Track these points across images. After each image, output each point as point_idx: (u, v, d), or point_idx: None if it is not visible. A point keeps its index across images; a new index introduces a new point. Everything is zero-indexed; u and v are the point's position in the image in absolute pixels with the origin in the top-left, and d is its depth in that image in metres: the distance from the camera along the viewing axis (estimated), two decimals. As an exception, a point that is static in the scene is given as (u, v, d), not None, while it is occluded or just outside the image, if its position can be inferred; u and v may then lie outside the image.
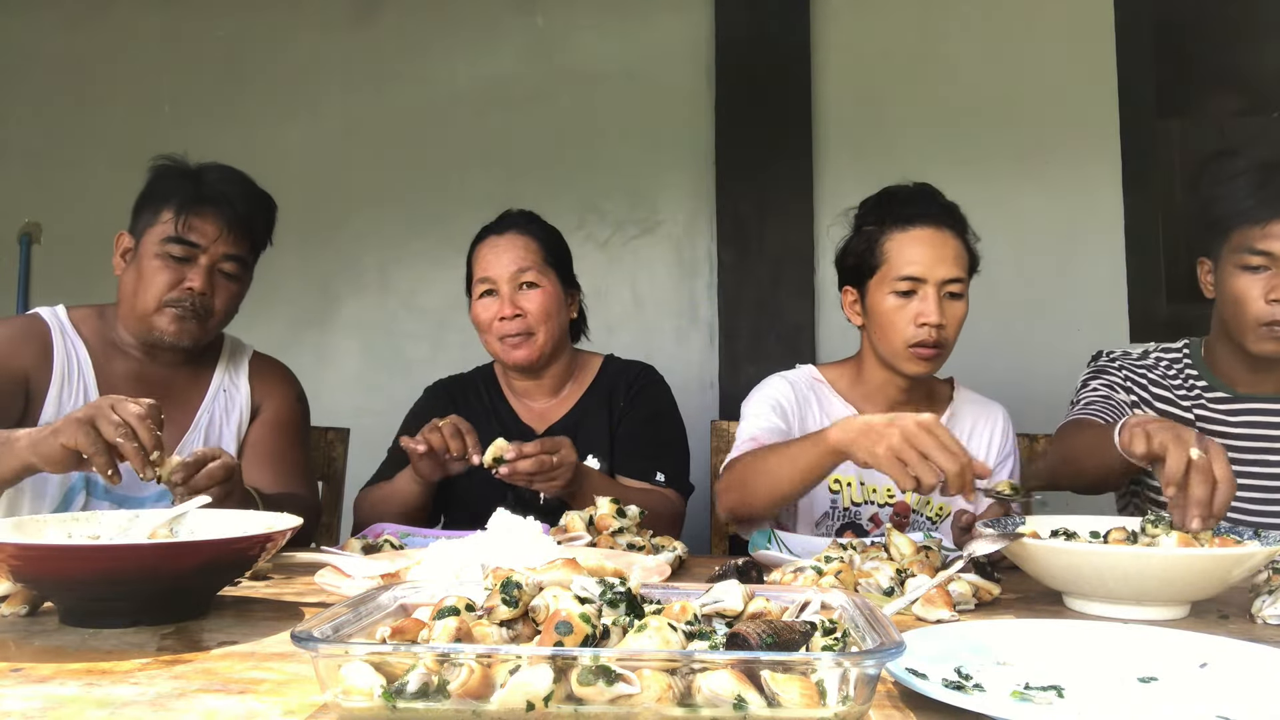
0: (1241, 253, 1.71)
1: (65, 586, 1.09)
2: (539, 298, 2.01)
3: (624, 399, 2.09)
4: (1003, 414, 1.97)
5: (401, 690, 0.69)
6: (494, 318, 2.01)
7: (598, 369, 2.16)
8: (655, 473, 1.99)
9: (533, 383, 2.11)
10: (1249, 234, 1.70)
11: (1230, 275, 1.74)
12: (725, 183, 3.01)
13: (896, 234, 1.81)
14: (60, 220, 3.29)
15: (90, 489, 1.77)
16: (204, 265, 1.78)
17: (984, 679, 0.86)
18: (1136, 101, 2.89)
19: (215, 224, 1.79)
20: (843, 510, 1.88)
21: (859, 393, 1.95)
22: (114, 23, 3.34)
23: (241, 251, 1.83)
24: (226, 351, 1.97)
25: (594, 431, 2.05)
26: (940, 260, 1.78)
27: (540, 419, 2.10)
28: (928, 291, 1.77)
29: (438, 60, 3.19)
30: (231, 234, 1.80)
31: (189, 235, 1.77)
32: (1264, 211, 1.68)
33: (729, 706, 0.68)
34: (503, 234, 2.05)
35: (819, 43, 3.02)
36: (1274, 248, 1.67)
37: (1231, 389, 1.85)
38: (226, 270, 1.82)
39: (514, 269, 2.00)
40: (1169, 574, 1.13)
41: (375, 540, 1.61)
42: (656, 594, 0.89)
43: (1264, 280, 1.69)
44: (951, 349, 1.84)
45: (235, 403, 1.93)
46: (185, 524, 1.32)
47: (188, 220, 1.77)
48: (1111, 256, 2.88)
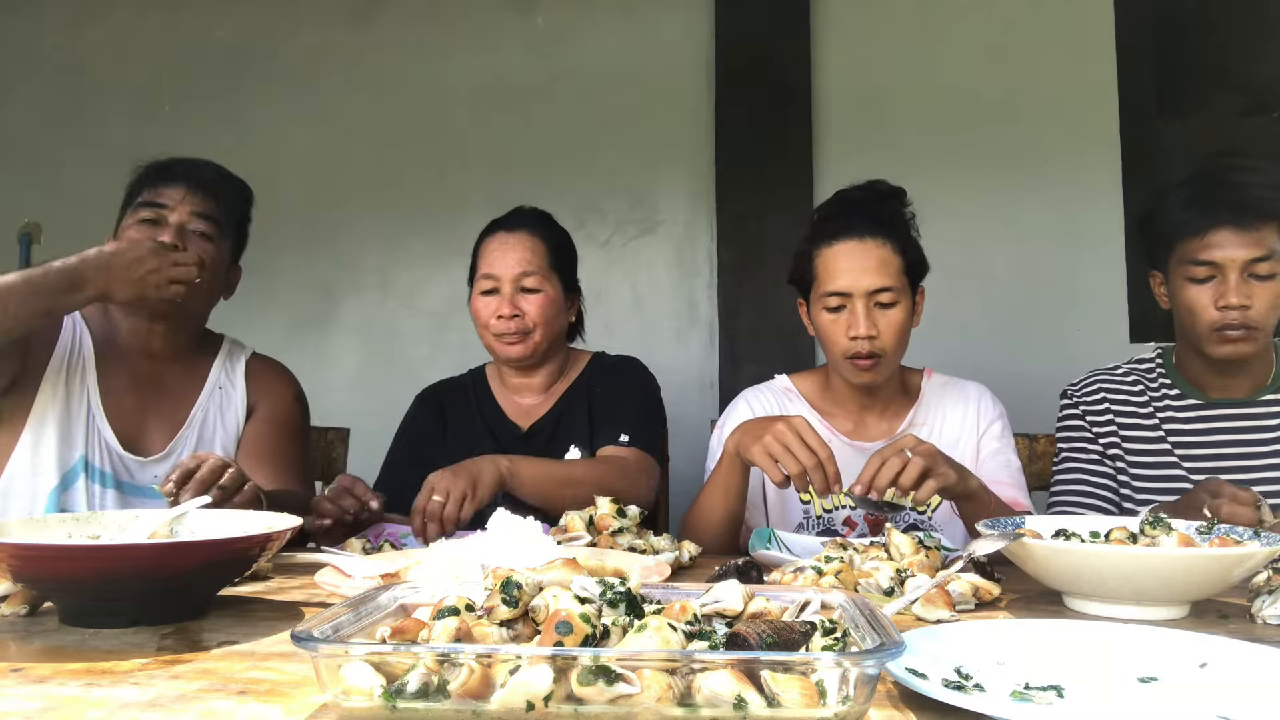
0: (1186, 264, 1.75)
1: (65, 586, 1.09)
2: (539, 302, 2.01)
3: (600, 387, 2.10)
4: (978, 392, 1.96)
5: (401, 690, 0.69)
6: (492, 315, 2.01)
7: (584, 365, 2.17)
8: (619, 435, 1.99)
9: (524, 379, 2.12)
10: (1190, 246, 1.74)
11: (1180, 288, 1.78)
12: (725, 183, 3.01)
13: (823, 249, 1.84)
14: (60, 220, 3.28)
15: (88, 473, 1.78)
16: (174, 223, 1.81)
17: (984, 679, 0.86)
18: (1136, 101, 2.90)
19: (181, 187, 1.83)
20: (816, 518, 1.90)
21: (828, 399, 1.99)
22: (114, 23, 3.35)
23: (209, 211, 1.85)
24: (224, 350, 1.98)
25: (575, 423, 2.06)
26: (864, 272, 1.80)
27: (526, 415, 2.11)
28: (855, 304, 1.80)
29: (438, 60, 3.19)
30: (197, 195, 1.83)
31: (156, 199, 1.82)
32: (1201, 222, 1.72)
33: (729, 706, 0.68)
34: (513, 231, 2.05)
35: (819, 43, 3.02)
36: (1215, 256, 1.71)
37: (1204, 395, 1.86)
38: (199, 229, 1.83)
39: (518, 270, 2.00)
40: (1169, 574, 1.12)
41: (375, 541, 1.62)
42: (656, 594, 0.89)
43: (1211, 289, 1.73)
44: (895, 354, 1.85)
45: (231, 401, 1.94)
46: (185, 524, 1.32)
47: (156, 189, 1.83)
48: (1111, 256, 2.88)
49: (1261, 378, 1.85)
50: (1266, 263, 1.69)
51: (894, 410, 1.96)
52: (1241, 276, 1.70)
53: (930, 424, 1.91)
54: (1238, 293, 1.69)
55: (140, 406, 1.85)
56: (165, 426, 1.87)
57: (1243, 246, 1.69)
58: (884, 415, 1.95)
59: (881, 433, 1.93)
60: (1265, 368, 1.85)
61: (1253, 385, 1.85)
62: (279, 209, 3.13)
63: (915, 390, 1.98)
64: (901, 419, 1.94)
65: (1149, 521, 1.30)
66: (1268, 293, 1.70)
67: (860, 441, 1.93)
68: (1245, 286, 1.70)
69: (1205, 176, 1.76)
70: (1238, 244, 1.69)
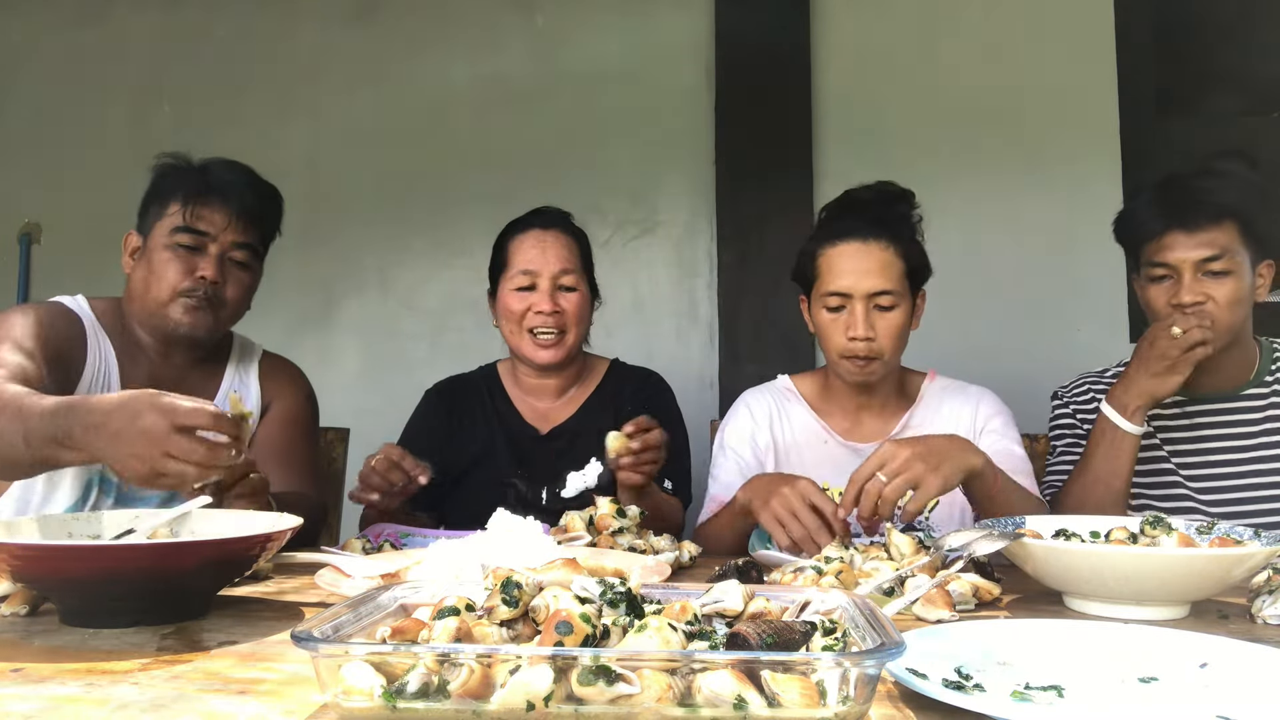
0: (1147, 266, 1.84)
1: (65, 586, 1.09)
2: (576, 300, 2.02)
3: (630, 405, 2.06)
4: (979, 395, 1.96)
5: (401, 690, 0.69)
6: (529, 310, 2.00)
7: (604, 373, 2.16)
8: (664, 480, 1.97)
9: (543, 382, 2.10)
10: (1149, 249, 1.83)
11: (1142, 289, 1.88)
12: (725, 183, 3.01)
13: (827, 249, 1.87)
14: (60, 220, 3.29)
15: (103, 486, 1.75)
16: (214, 254, 1.78)
17: (984, 679, 0.86)
18: (1136, 101, 2.89)
19: (223, 213, 1.79)
20: None
21: (826, 398, 2.00)
22: (114, 23, 3.34)
23: (250, 240, 1.83)
24: (236, 351, 1.97)
25: (596, 435, 2.04)
26: (865, 274, 1.81)
27: (544, 419, 2.10)
28: (855, 306, 1.82)
29: (438, 60, 3.19)
30: (239, 222, 1.80)
31: (197, 224, 1.77)
32: (1158, 225, 1.81)
33: (729, 706, 0.68)
34: (548, 229, 2.04)
35: (819, 43, 3.01)
36: (1168, 258, 1.80)
37: (1187, 391, 1.88)
38: (237, 259, 1.82)
39: (559, 267, 2.00)
40: (1169, 574, 1.13)
41: (375, 541, 1.62)
42: (656, 594, 0.89)
43: (1167, 288, 1.81)
44: (892, 356, 1.86)
45: (246, 402, 1.93)
46: (185, 524, 1.32)
47: (195, 210, 1.77)
48: (1111, 256, 2.86)
49: (1243, 373, 1.90)
50: (1219, 261, 1.76)
51: (891, 411, 1.96)
52: (1195, 276, 1.78)
53: (926, 426, 1.91)
54: (1190, 291, 1.77)
55: None
56: None
57: (1194, 248, 1.77)
58: (880, 415, 1.96)
59: (877, 433, 1.94)
60: (1245, 362, 1.90)
61: (1234, 380, 1.89)
62: (279, 209, 3.15)
63: (915, 392, 1.98)
64: (897, 420, 1.94)
65: (1149, 521, 1.30)
66: (1224, 289, 1.77)
67: (855, 442, 1.94)
68: (1199, 284, 1.77)
69: (1166, 184, 1.85)
70: (1189, 245, 1.77)
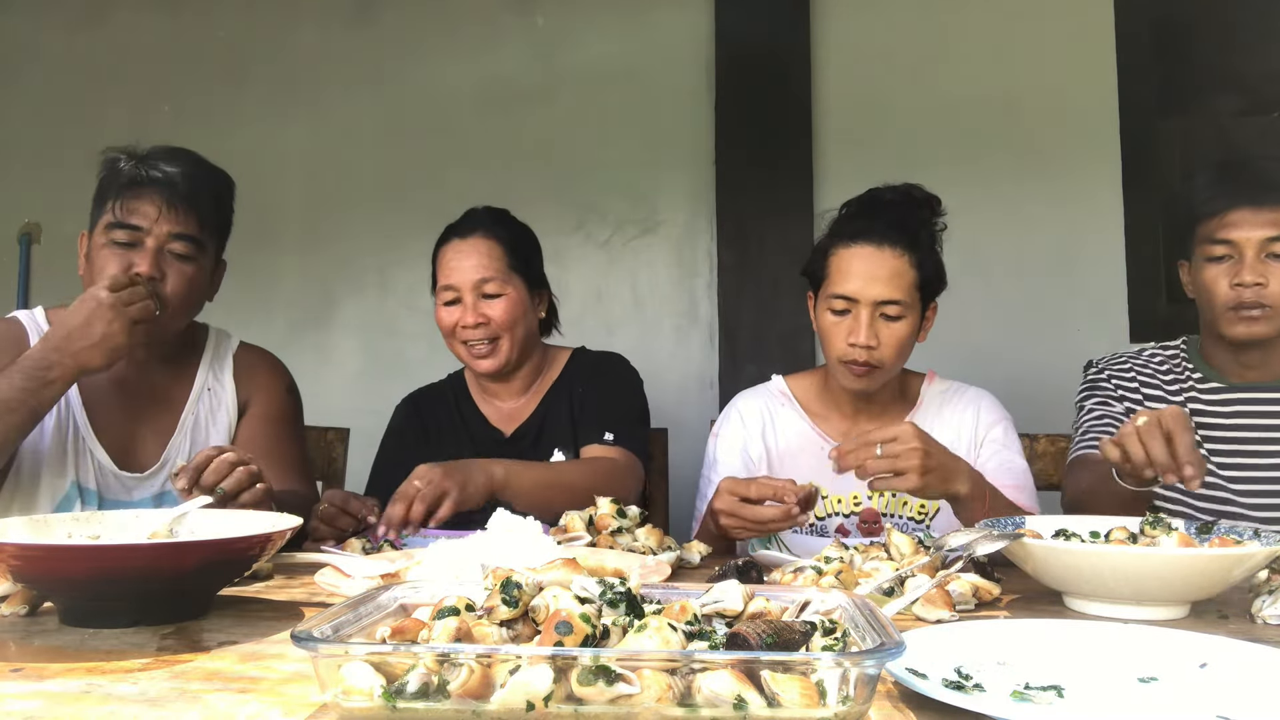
0: (1205, 244, 1.79)
1: (65, 586, 1.09)
2: (503, 305, 1.98)
3: (582, 388, 2.07)
4: (978, 398, 1.94)
5: (401, 690, 0.69)
6: (457, 324, 1.99)
7: (564, 364, 2.14)
8: (604, 434, 1.96)
9: (503, 384, 2.10)
10: (1209, 226, 1.78)
11: (1200, 269, 1.82)
12: (725, 182, 3.01)
13: (839, 249, 1.81)
14: (60, 220, 3.28)
15: (84, 496, 1.74)
16: (150, 248, 1.69)
17: (984, 679, 0.86)
18: (1136, 101, 2.89)
19: (154, 203, 1.70)
20: (809, 526, 1.87)
21: (823, 400, 1.97)
22: (114, 23, 3.34)
23: (189, 230, 1.72)
24: (210, 347, 1.90)
25: (558, 424, 2.04)
26: (874, 280, 1.76)
27: (509, 420, 2.09)
28: (860, 312, 1.77)
29: (438, 60, 3.19)
30: (174, 212, 1.70)
31: (130, 219, 1.69)
32: (1220, 203, 1.76)
33: (729, 706, 0.68)
34: (466, 238, 2.01)
35: (819, 43, 3.02)
36: (1231, 235, 1.75)
37: (1226, 379, 1.87)
38: (176, 251, 1.71)
39: (476, 277, 1.97)
40: (1169, 574, 1.12)
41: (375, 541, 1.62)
42: (656, 594, 0.89)
43: (1227, 268, 1.76)
44: (892, 366, 1.82)
45: (221, 401, 1.88)
46: (185, 524, 1.32)
47: (126, 204, 1.69)
48: (1111, 256, 2.88)
49: None
50: None
51: (890, 415, 1.92)
52: (1258, 255, 1.73)
53: (924, 427, 1.90)
54: (1253, 271, 1.72)
55: (130, 417, 1.79)
56: (156, 436, 1.81)
57: (1259, 226, 1.72)
58: (879, 420, 1.92)
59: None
60: None
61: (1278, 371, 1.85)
62: (279, 209, 3.15)
63: (914, 395, 1.96)
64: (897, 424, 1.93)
65: (1149, 521, 1.30)
66: None
67: None
68: (1261, 266, 1.73)
69: (1228, 163, 1.82)
70: (1255, 223, 1.72)
